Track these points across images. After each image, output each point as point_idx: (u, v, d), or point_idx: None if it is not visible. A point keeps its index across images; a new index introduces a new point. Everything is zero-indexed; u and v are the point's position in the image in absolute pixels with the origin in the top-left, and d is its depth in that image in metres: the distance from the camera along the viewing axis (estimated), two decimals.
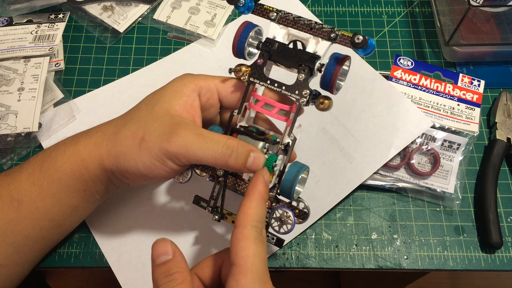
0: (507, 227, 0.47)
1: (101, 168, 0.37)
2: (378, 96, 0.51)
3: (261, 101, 0.38)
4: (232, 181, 0.38)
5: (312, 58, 0.36)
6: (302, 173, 0.36)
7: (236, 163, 0.35)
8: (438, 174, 0.48)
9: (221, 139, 0.35)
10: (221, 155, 0.35)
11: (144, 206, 0.46)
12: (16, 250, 0.38)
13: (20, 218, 0.37)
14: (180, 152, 0.35)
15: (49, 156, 0.38)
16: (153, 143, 0.35)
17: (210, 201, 0.39)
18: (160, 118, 0.37)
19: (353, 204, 0.48)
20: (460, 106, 0.51)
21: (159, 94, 0.39)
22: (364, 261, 0.45)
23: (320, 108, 0.36)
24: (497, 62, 0.56)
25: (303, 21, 0.37)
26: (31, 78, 0.50)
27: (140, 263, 0.44)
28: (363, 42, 0.33)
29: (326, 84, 0.35)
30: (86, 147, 0.38)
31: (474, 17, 0.53)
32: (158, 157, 0.35)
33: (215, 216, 0.39)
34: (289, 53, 0.37)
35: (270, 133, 0.39)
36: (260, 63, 0.37)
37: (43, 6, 0.57)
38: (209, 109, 0.40)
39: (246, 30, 0.37)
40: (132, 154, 0.36)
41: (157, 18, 0.57)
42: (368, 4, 0.60)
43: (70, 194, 0.38)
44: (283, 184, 0.36)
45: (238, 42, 0.37)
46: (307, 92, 0.36)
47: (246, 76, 0.38)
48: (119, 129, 0.38)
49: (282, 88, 0.37)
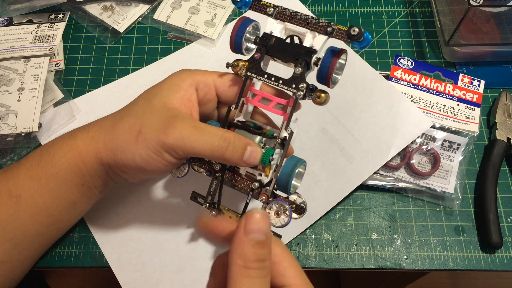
0: (507, 227, 0.47)
1: (98, 162, 0.38)
2: (378, 96, 0.51)
3: (258, 96, 0.38)
4: (230, 176, 0.38)
5: (308, 52, 0.36)
6: (299, 167, 0.36)
7: (233, 156, 0.35)
8: (438, 174, 0.48)
9: (218, 132, 0.35)
10: (218, 148, 0.35)
11: (143, 205, 0.46)
12: (16, 246, 0.38)
13: (19, 213, 0.37)
14: (177, 144, 0.35)
15: (47, 151, 0.38)
16: (150, 136, 0.35)
17: (207, 197, 0.39)
18: (157, 111, 0.37)
19: (353, 204, 0.48)
20: (460, 106, 0.51)
21: (157, 88, 0.39)
22: (364, 261, 0.45)
23: (317, 102, 0.36)
24: (497, 62, 0.56)
25: (300, 16, 0.37)
26: (31, 78, 0.50)
27: (140, 263, 0.44)
28: (358, 34, 0.33)
29: (323, 78, 0.36)
30: (83, 141, 0.38)
31: (474, 17, 0.53)
32: (155, 149, 0.35)
33: (212, 212, 0.39)
34: (286, 47, 0.37)
35: (267, 128, 0.39)
36: (258, 57, 0.37)
37: (43, 6, 0.57)
38: (206, 104, 0.40)
39: (244, 25, 0.38)
40: (129, 147, 0.36)
41: (157, 18, 0.57)
42: (368, 4, 0.60)
43: (68, 189, 0.38)
44: (280, 178, 0.36)
45: (235, 37, 0.38)
46: (303, 85, 0.36)
47: (243, 71, 0.38)
48: (116, 123, 0.38)
49: (279, 82, 0.37)
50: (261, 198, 0.36)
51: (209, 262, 0.44)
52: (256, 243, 0.27)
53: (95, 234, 0.45)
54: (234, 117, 0.39)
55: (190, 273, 0.43)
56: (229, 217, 0.39)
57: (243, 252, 0.27)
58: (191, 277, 0.43)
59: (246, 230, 0.27)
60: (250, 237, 0.27)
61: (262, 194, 0.36)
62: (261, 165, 0.37)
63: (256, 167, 0.37)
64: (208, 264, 0.44)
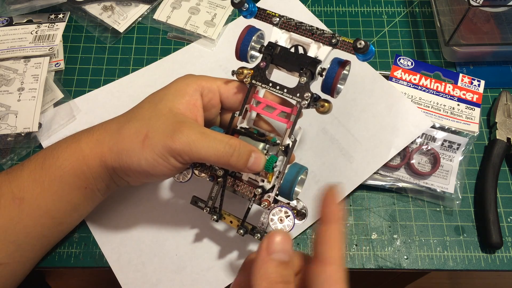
0: (507, 227, 0.47)
1: (102, 165, 0.38)
2: (378, 96, 0.51)
3: (262, 103, 0.38)
4: (231, 181, 0.39)
5: (313, 62, 0.37)
6: (301, 174, 0.36)
7: (237, 162, 0.35)
8: (438, 174, 0.48)
9: (224, 139, 0.35)
10: (223, 154, 0.35)
11: (144, 206, 0.46)
12: (18, 248, 0.38)
13: (22, 215, 0.37)
14: (184, 149, 0.35)
15: (51, 154, 0.38)
16: (157, 140, 0.35)
17: (208, 201, 0.39)
18: (163, 116, 0.37)
19: (353, 204, 0.48)
20: (460, 106, 0.51)
21: (162, 93, 0.39)
22: (364, 261, 0.45)
23: (321, 111, 0.37)
24: (497, 62, 0.56)
25: (305, 27, 0.38)
26: (31, 78, 0.50)
27: (140, 263, 0.44)
28: (365, 47, 0.34)
29: (328, 87, 0.36)
30: (88, 144, 0.38)
31: (474, 17, 0.53)
32: (161, 154, 0.35)
33: (213, 216, 0.39)
34: (291, 57, 0.37)
35: (270, 135, 0.39)
36: (263, 66, 0.38)
37: (43, 6, 0.57)
38: (210, 109, 0.40)
39: (250, 34, 0.38)
40: (135, 151, 0.36)
41: (157, 18, 0.57)
42: (368, 4, 0.60)
43: (71, 191, 0.38)
44: (283, 184, 0.36)
45: (241, 45, 0.38)
46: (308, 95, 0.36)
47: (248, 79, 0.38)
48: (121, 126, 0.38)
49: (283, 91, 0.37)
50: (264, 203, 0.36)
51: (209, 262, 0.44)
52: (279, 263, 0.26)
53: (95, 234, 0.45)
54: (238, 123, 0.39)
55: (190, 273, 0.43)
56: (230, 221, 0.39)
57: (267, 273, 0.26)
58: (191, 277, 0.43)
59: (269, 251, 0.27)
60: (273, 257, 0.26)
61: (264, 200, 0.37)
62: (263, 172, 0.37)
63: (258, 173, 0.37)
64: (208, 264, 0.44)
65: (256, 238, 0.38)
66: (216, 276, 0.43)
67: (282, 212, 0.36)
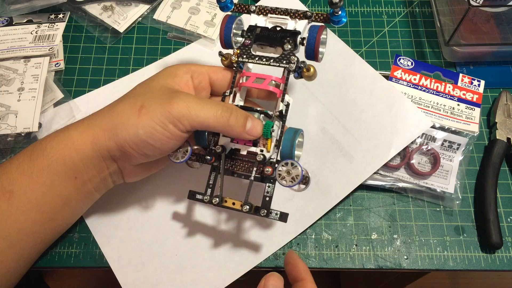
0: (507, 227, 0.47)
1: (94, 148, 0.37)
2: (378, 96, 0.51)
3: (251, 77, 0.40)
4: (229, 163, 0.39)
5: (294, 33, 0.40)
6: (298, 137, 0.38)
7: (236, 123, 0.37)
8: (438, 174, 0.48)
9: (220, 102, 0.38)
10: (222, 115, 0.36)
11: (143, 205, 0.46)
12: (10, 245, 0.38)
13: (12, 209, 0.37)
14: (182, 113, 0.36)
15: (39, 144, 0.38)
16: (154, 108, 0.36)
17: (207, 190, 0.39)
18: (157, 90, 0.38)
19: (353, 204, 0.48)
20: (460, 106, 0.51)
21: (153, 76, 0.41)
22: (364, 261, 0.45)
23: (307, 75, 0.40)
24: (497, 62, 0.56)
25: (281, 9, 0.42)
26: (31, 78, 0.50)
27: (140, 263, 0.44)
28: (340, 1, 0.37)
29: (311, 52, 0.39)
30: (77, 129, 0.38)
31: (474, 17, 0.53)
32: (160, 121, 0.36)
33: (215, 199, 0.38)
34: (272, 34, 0.41)
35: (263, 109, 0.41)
36: (247, 43, 0.41)
37: (43, 6, 0.57)
38: (201, 91, 0.42)
39: (230, 21, 0.41)
40: (130, 122, 0.36)
41: (157, 18, 0.57)
42: (368, 4, 0.60)
43: (60, 182, 0.38)
44: (284, 145, 0.38)
45: (224, 33, 0.41)
46: (294, 58, 0.39)
47: (235, 57, 0.41)
48: (114, 105, 0.39)
49: (270, 61, 0.40)
50: (267, 170, 0.37)
51: (209, 262, 0.44)
52: None
53: (95, 234, 0.45)
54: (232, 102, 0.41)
55: (190, 273, 0.43)
56: (233, 203, 0.38)
57: None
58: (191, 277, 0.43)
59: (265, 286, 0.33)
60: None
61: (267, 167, 0.37)
62: (262, 140, 0.38)
63: (257, 144, 0.38)
64: (208, 264, 0.44)
65: (262, 214, 0.37)
66: (216, 276, 0.43)
67: (289, 164, 0.36)
